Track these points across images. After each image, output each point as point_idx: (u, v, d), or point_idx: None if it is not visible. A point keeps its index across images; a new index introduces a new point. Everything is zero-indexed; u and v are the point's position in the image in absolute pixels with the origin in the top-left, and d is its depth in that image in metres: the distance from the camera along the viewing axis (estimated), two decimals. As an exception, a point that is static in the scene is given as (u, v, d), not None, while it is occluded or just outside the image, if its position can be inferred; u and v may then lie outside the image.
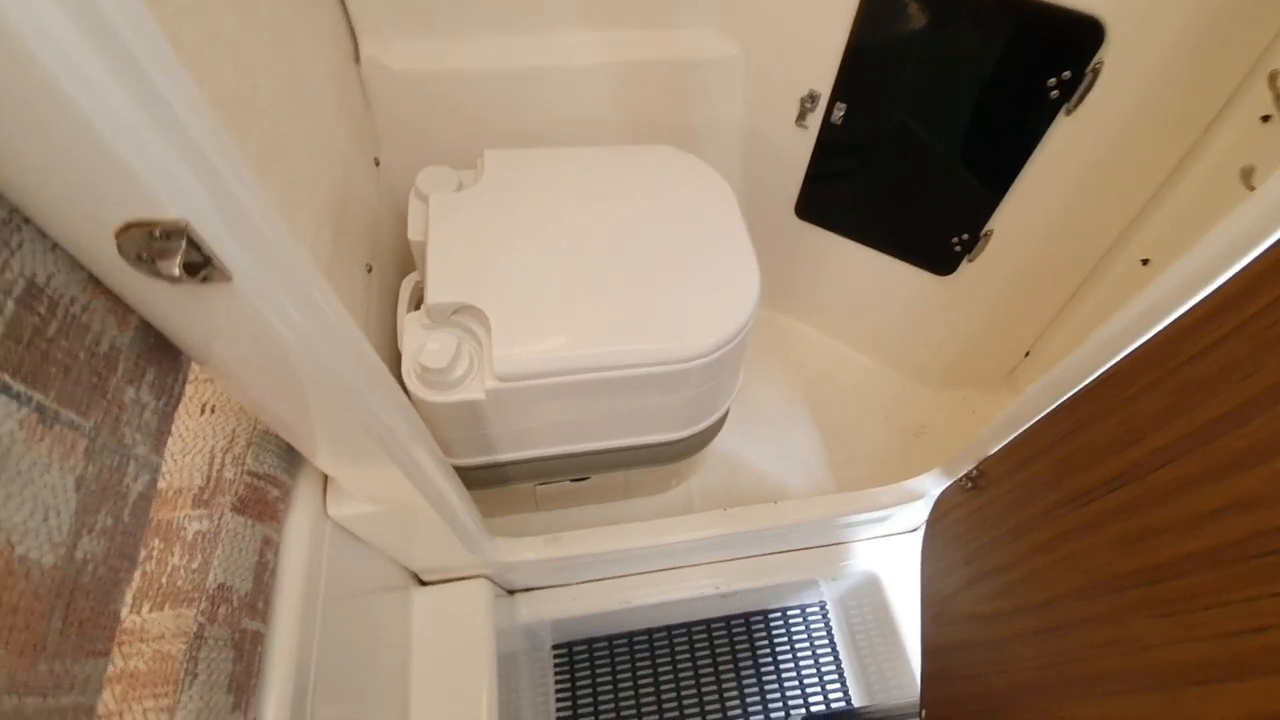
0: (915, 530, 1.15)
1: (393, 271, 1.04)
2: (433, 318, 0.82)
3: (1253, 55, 0.81)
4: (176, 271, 0.33)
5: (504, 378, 0.77)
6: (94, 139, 0.27)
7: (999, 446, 0.85)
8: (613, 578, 1.09)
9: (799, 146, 1.13)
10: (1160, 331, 0.59)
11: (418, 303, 0.94)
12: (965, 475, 0.88)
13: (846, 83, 1.02)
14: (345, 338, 0.47)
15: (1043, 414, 0.75)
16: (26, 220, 0.32)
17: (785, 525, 0.99)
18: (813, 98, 1.06)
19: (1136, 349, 0.61)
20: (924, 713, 0.86)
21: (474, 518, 0.83)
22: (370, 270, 0.94)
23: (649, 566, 1.10)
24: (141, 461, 0.43)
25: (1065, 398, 0.71)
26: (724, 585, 1.10)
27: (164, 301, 0.37)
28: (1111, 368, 0.64)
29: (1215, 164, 0.88)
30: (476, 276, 0.82)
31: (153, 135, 0.29)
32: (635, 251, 0.86)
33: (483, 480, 0.96)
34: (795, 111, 1.09)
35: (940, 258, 1.15)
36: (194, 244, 0.33)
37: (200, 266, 0.34)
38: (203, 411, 0.60)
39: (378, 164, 1.04)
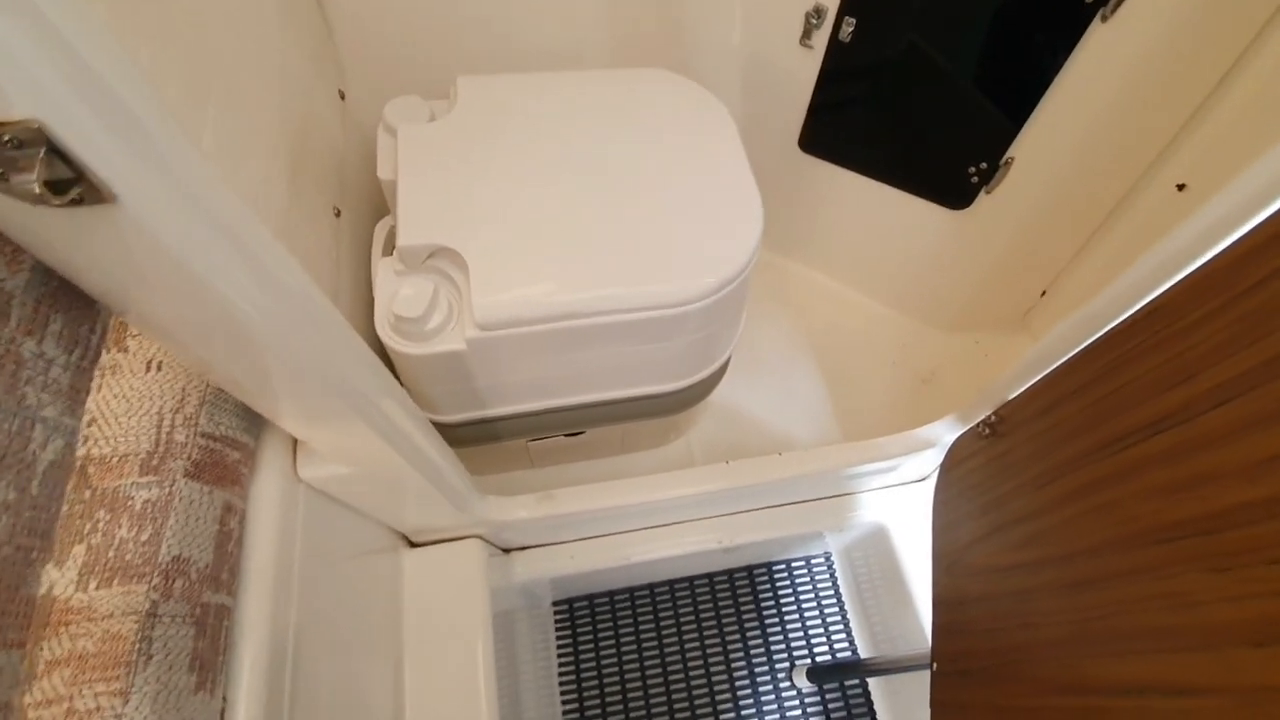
0: (924, 480, 1.10)
1: (366, 215, 0.96)
2: (406, 262, 0.75)
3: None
4: (36, 188, 0.26)
5: (485, 325, 0.71)
6: None
7: (1020, 390, 0.79)
8: (611, 534, 1.05)
9: (803, 70, 1.03)
10: (1219, 255, 0.52)
11: (393, 248, 0.87)
12: (982, 421, 0.83)
13: (856, -7, 0.92)
14: (287, 282, 0.41)
15: (1073, 352, 0.69)
16: None
17: (789, 478, 0.95)
18: (819, 11, 0.96)
19: (1190, 275, 0.55)
20: (936, 666, 0.83)
21: (461, 476, 0.77)
22: (339, 214, 0.86)
23: (648, 522, 1.06)
24: (51, 425, 0.37)
25: (1101, 333, 0.65)
26: (726, 540, 1.06)
27: (41, 231, 0.30)
28: (1158, 298, 0.58)
29: (1270, 73, 0.79)
30: (452, 216, 0.74)
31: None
32: (625, 185, 0.79)
33: (472, 437, 0.91)
34: (799, 29, 0.99)
35: (956, 190, 1.07)
36: (58, 153, 0.26)
37: (70, 184, 0.27)
38: (148, 369, 0.54)
39: (343, 97, 0.95)
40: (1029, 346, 1.29)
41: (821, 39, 0.98)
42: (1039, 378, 0.74)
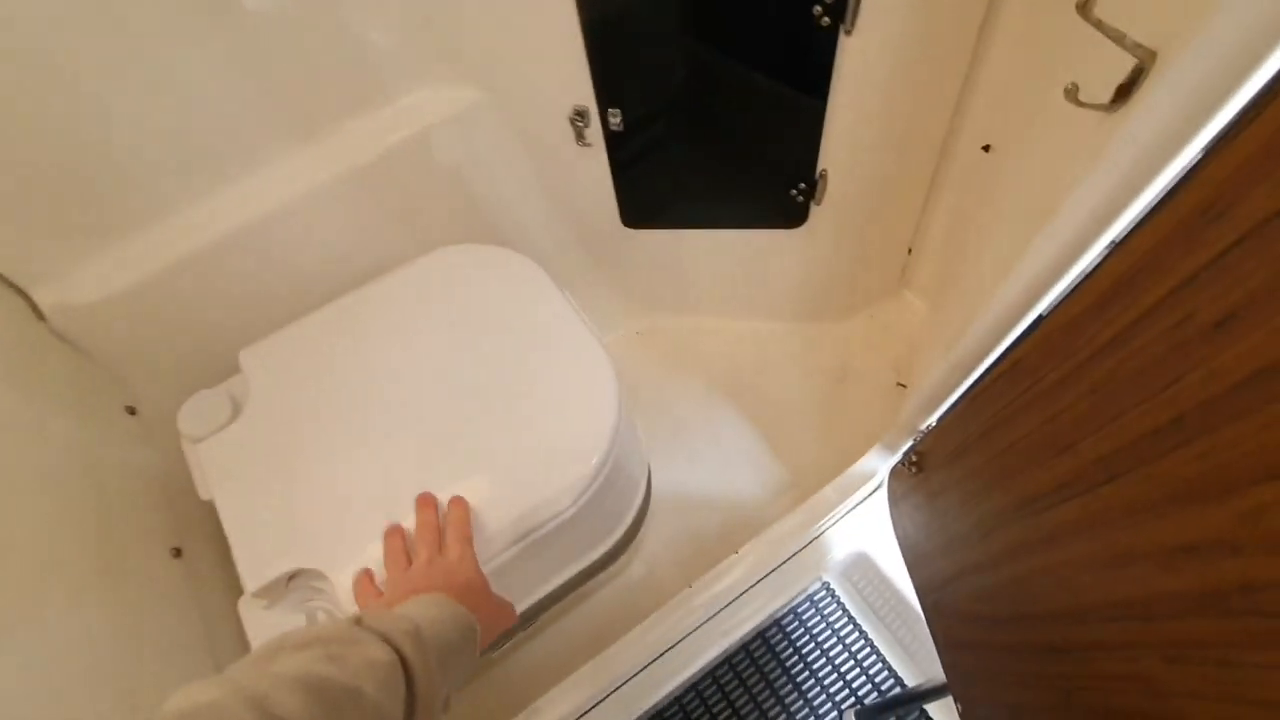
0: (879, 488, 1.09)
1: (211, 535, 0.85)
2: (268, 597, 0.67)
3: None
4: None
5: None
6: None
7: (929, 422, 0.77)
8: (616, 690, 1.00)
9: (593, 165, 0.98)
10: (1051, 315, 0.50)
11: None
12: (906, 459, 0.81)
13: (607, 87, 0.87)
14: None
15: (957, 397, 0.67)
16: None
17: (753, 571, 0.91)
18: (580, 114, 0.90)
19: (1030, 333, 0.52)
20: (960, 708, 0.81)
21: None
22: (179, 554, 0.76)
23: (644, 665, 1.01)
24: None
25: (974, 381, 0.63)
26: (725, 640, 1.02)
27: None
28: (1016, 351, 0.55)
29: (1015, 37, 0.79)
30: (293, 532, 0.67)
31: None
32: (462, 400, 0.72)
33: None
34: (571, 134, 0.93)
35: (788, 212, 1.04)
36: None
37: None
38: None
39: (133, 412, 0.84)
40: (916, 301, 1.30)
41: (596, 134, 0.93)
42: (940, 414, 0.73)
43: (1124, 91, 0.48)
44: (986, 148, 0.89)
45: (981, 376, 0.65)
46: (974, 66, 0.87)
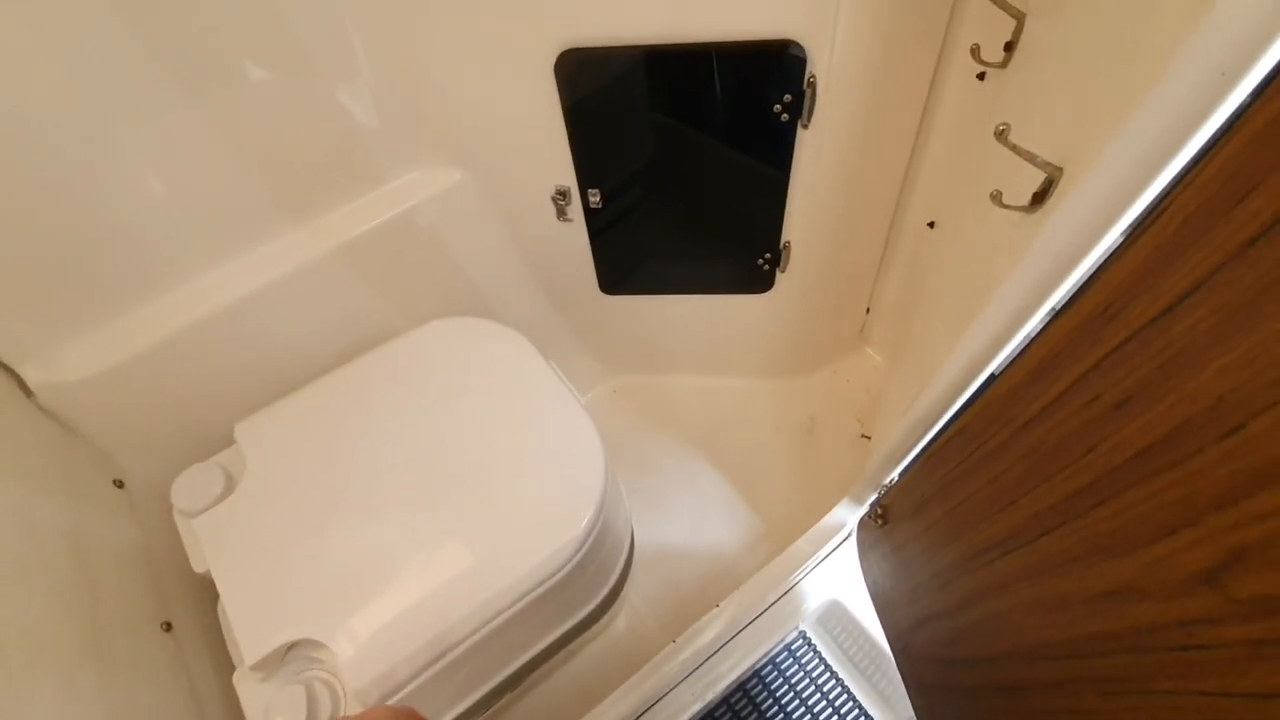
0: (848, 537, 1.15)
1: (202, 609, 0.85)
2: (265, 670, 0.68)
3: (940, 31, 0.82)
4: None
5: (380, 700, 0.65)
6: None
7: (891, 477, 0.83)
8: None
9: (574, 238, 1.05)
10: (989, 387, 0.57)
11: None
12: (873, 512, 0.87)
13: (588, 169, 0.94)
14: None
15: (912, 457, 0.73)
16: None
17: (733, 624, 0.95)
18: (562, 193, 0.98)
19: (974, 400, 0.60)
20: (936, 752, 0.85)
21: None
22: (169, 628, 0.77)
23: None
24: None
25: (930, 441, 0.70)
26: (709, 694, 1.04)
27: None
28: (963, 419, 0.62)
29: (947, 142, 0.90)
30: (290, 600, 0.69)
31: None
32: (452, 469, 0.76)
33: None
34: (552, 211, 1.00)
35: (754, 280, 1.12)
36: None
37: None
38: None
39: (121, 485, 0.85)
40: (875, 356, 1.39)
41: (576, 211, 1.00)
42: (898, 471, 0.79)
43: (1039, 197, 0.56)
44: (931, 224, 0.99)
45: (935, 437, 0.72)
46: (916, 156, 0.98)
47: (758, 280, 1.12)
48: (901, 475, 0.82)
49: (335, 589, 0.69)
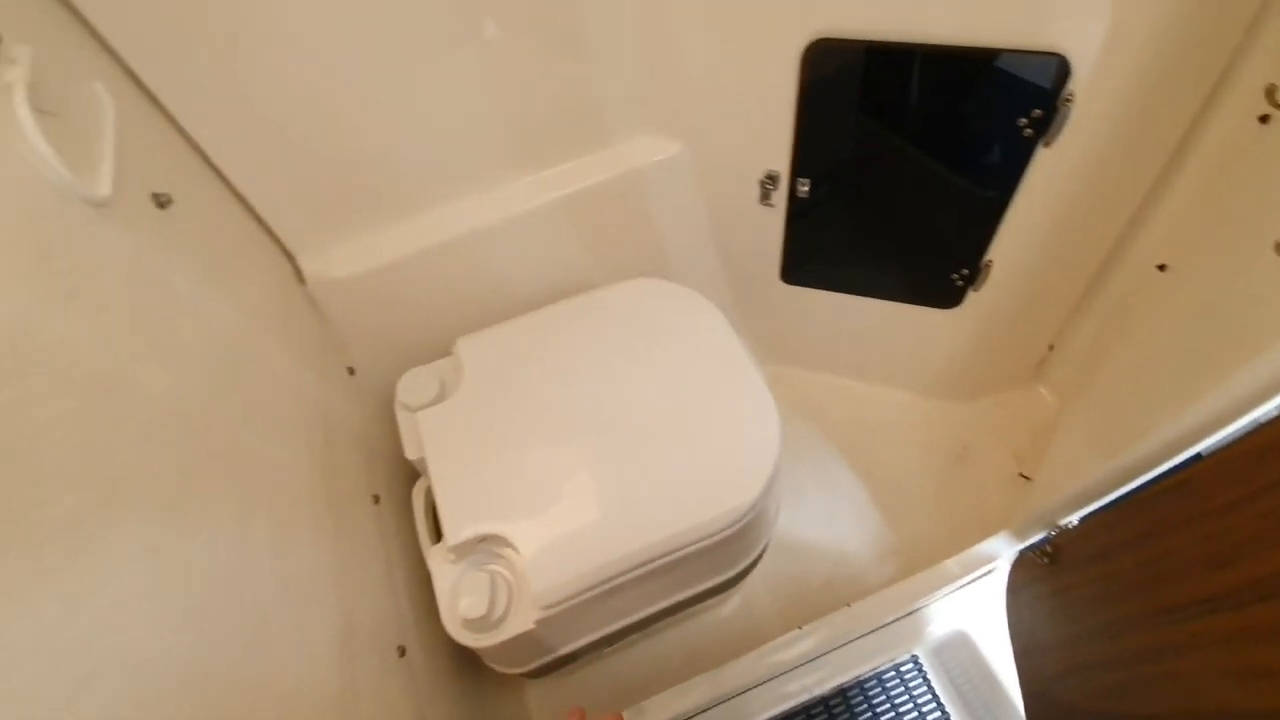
0: (991, 571, 1.11)
1: (400, 493, 0.98)
2: (457, 552, 0.78)
3: (1221, 64, 0.76)
4: None
5: (548, 606, 0.73)
6: None
7: (1070, 519, 0.80)
8: (704, 711, 1.06)
9: (770, 223, 1.08)
10: (1239, 439, 0.54)
11: (433, 509, 0.90)
12: (1040, 548, 0.84)
13: (805, 158, 0.96)
14: None
15: (1113, 498, 0.70)
16: None
17: (857, 627, 0.96)
18: (772, 178, 1.00)
19: (1213, 454, 0.57)
20: (1060, 804, 0.82)
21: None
22: (378, 501, 0.89)
23: (742, 690, 1.06)
24: None
25: (1135, 487, 0.67)
26: (816, 687, 1.06)
27: None
28: (1187, 471, 0.59)
29: (1208, 168, 0.83)
30: (490, 501, 0.78)
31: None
32: (644, 417, 0.82)
33: (547, 669, 0.92)
34: (756, 194, 1.03)
35: (944, 294, 1.09)
36: None
37: None
38: None
39: (352, 373, 0.99)
40: (1048, 397, 1.31)
41: (781, 197, 1.03)
42: (1086, 512, 0.76)
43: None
44: (1162, 267, 0.92)
45: (1142, 486, 0.69)
46: (1159, 188, 0.91)
47: (946, 295, 1.09)
48: (1084, 519, 0.79)
49: (529, 499, 0.77)
